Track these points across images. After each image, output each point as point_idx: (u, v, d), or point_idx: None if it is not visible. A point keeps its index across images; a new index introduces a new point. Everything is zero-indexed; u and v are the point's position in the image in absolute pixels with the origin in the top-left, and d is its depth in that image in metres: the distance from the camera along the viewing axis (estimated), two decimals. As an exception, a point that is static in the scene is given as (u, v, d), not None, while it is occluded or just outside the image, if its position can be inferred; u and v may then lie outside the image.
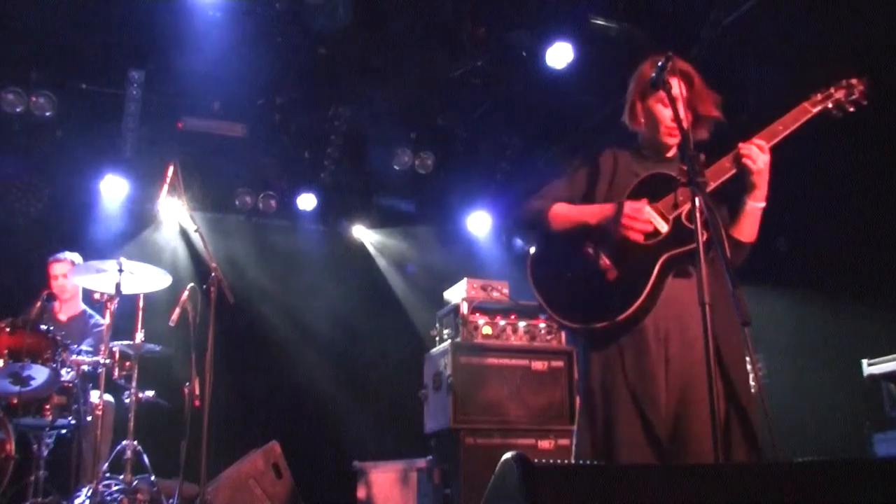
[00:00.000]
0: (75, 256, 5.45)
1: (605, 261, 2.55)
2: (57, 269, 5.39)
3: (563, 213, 2.67)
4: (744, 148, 2.49)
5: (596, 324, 2.50)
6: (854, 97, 2.56)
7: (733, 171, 2.50)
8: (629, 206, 2.52)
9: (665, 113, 2.62)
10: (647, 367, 2.44)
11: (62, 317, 5.47)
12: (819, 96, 2.57)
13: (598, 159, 2.75)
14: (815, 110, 2.55)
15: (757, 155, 2.47)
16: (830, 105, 2.56)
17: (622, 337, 2.50)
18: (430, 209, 7.98)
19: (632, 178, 2.64)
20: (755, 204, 2.53)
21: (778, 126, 2.54)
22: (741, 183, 2.55)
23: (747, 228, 2.55)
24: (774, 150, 2.52)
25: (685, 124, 2.35)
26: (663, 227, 2.51)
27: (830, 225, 5.58)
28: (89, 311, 5.52)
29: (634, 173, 2.65)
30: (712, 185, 2.45)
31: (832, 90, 2.57)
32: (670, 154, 2.71)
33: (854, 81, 2.57)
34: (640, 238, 2.50)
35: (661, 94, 2.55)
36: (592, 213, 2.63)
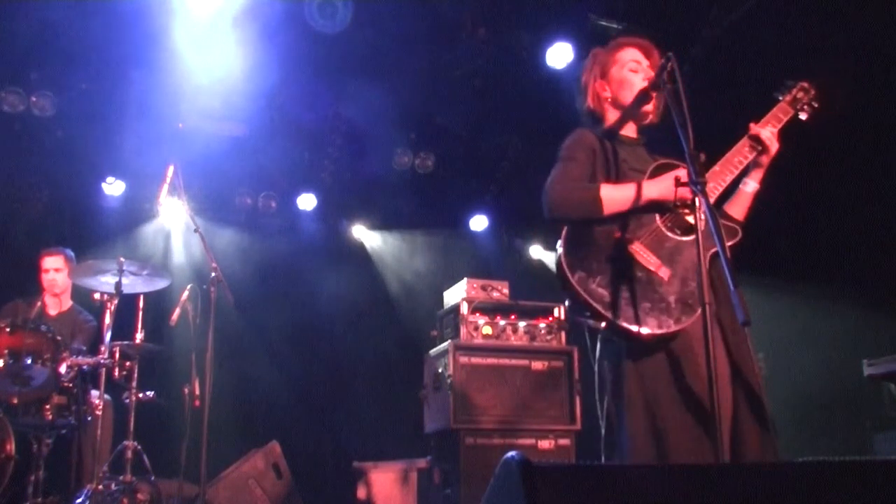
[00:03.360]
0: (67, 251, 5.42)
1: (654, 258, 2.44)
2: (49, 262, 5.33)
3: (616, 195, 2.50)
4: (763, 130, 2.59)
5: (665, 328, 2.34)
6: (811, 97, 2.71)
7: (755, 154, 2.60)
8: (684, 172, 2.44)
9: (633, 77, 2.68)
10: (700, 370, 2.28)
11: (52, 312, 5.39)
12: (788, 97, 2.71)
13: (586, 142, 2.69)
14: (792, 110, 2.69)
15: (773, 138, 2.59)
16: (798, 108, 2.70)
17: (671, 340, 2.37)
18: (430, 209, 7.96)
19: (628, 165, 2.61)
20: (755, 185, 2.65)
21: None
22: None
23: (741, 207, 2.66)
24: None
25: (688, 124, 2.31)
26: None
27: (831, 224, 5.58)
28: (78, 307, 5.49)
29: (626, 160, 2.63)
30: (737, 170, 2.56)
31: (794, 92, 2.71)
32: (635, 135, 2.76)
33: (806, 85, 2.72)
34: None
35: (623, 61, 2.70)
36: (648, 187, 2.50)
